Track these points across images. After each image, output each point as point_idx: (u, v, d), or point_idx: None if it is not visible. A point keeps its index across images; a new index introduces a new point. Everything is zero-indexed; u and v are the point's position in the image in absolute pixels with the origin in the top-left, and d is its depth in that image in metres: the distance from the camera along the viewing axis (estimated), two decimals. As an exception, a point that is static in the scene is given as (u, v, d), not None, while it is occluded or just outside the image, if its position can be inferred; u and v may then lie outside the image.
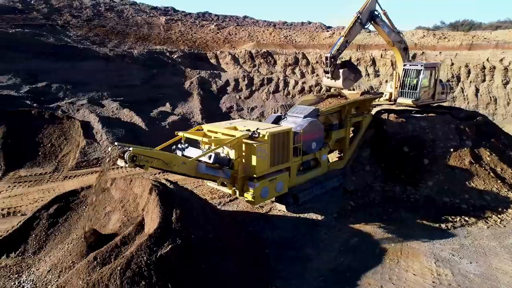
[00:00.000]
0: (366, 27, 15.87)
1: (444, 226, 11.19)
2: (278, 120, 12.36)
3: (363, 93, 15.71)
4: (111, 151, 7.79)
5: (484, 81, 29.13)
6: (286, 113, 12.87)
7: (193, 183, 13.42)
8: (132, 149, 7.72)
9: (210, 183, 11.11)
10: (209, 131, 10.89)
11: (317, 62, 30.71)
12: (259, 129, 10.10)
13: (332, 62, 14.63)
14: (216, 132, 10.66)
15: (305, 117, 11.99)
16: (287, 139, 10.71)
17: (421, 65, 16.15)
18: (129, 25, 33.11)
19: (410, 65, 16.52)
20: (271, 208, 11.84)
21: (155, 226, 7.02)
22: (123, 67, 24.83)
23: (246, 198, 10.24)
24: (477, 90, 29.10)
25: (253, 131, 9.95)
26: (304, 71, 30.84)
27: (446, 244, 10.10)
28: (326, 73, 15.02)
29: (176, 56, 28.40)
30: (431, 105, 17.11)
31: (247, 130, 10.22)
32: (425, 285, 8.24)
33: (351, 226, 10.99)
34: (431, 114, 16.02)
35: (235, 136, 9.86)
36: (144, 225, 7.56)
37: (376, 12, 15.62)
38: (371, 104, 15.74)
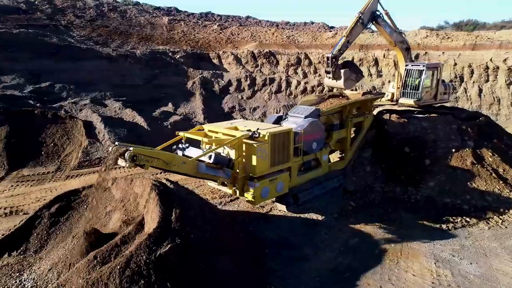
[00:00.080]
0: (367, 27, 15.86)
1: (444, 226, 11.17)
2: (279, 120, 12.38)
3: (365, 94, 15.71)
4: (111, 151, 7.86)
5: (487, 81, 29.01)
6: (287, 113, 12.90)
7: (194, 183, 13.47)
8: (132, 148, 7.77)
9: (210, 183, 11.15)
10: (210, 131, 10.93)
11: (319, 62, 30.69)
12: (259, 129, 10.13)
13: (333, 62, 14.63)
14: (216, 132, 10.69)
15: (306, 117, 12.00)
16: (288, 139, 10.73)
17: (423, 65, 16.11)
18: (132, 25, 33.23)
19: (412, 65, 16.49)
20: (271, 208, 11.87)
21: (155, 225, 7.07)
22: (125, 67, 24.93)
23: (246, 198, 10.28)
24: (480, 90, 28.97)
25: (254, 131, 9.98)
26: (306, 71, 30.83)
27: (446, 244, 10.08)
28: (327, 73, 15.03)
29: (178, 56, 28.47)
30: (433, 106, 17.08)
31: (248, 130, 10.25)
32: (425, 285, 8.24)
33: (351, 226, 10.99)
34: (433, 114, 15.98)
35: (235, 136, 9.89)
36: (144, 224, 7.62)
37: (377, 12, 15.60)
38: (373, 104, 15.72)
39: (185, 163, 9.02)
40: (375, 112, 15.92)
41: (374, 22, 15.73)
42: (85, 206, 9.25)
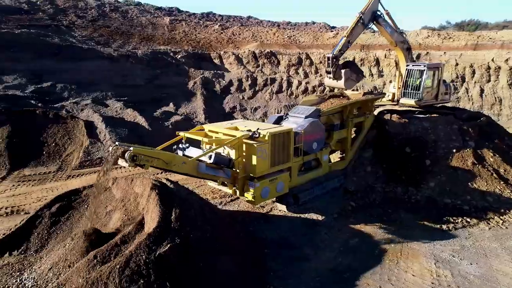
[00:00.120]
0: (368, 27, 15.84)
1: (445, 227, 11.16)
2: (279, 120, 12.40)
3: (366, 94, 15.70)
4: (112, 151, 7.88)
5: (489, 81, 28.92)
6: (287, 113, 12.91)
7: (195, 183, 13.50)
8: (132, 148, 7.80)
9: (211, 183, 11.17)
10: (210, 131, 10.95)
11: (320, 62, 30.66)
12: (259, 129, 10.14)
13: (334, 62, 14.61)
14: (217, 132, 10.71)
15: (307, 117, 12.00)
16: (288, 139, 10.74)
17: (424, 66, 16.09)
18: (133, 25, 33.29)
19: (413, 66, 16.46)
20: (271, 208, 11.88)
21: (154, 225, 7.09)
22: (127, 67, 24.98)
23: (246, 198, 10.30)
24: (482, 90, 28.89)
25: (254, 131, 10.00)
26: (307, 71, 30.82)
27: (446, 245, 10.07)
28: (328, 73, 15.02)
29: (180, 56, 28.52)
30: (434, 106, 17.05)
31: (248, 130, 10.26)
32: (424, 286, 8.24)
33: (351, 226, 10.99)
34: (434, 114, 15.97)
35: (235, 136, 9.91)
36: (144, 224, 7.64)
37: (378, 12, 15.59)
38: (373, 104, 15.71)
39: (185, 163, 9.05)
40: (376, 112, 15.91)
41: (374, 22, 15.72)
42: (86, 206, 9.28)
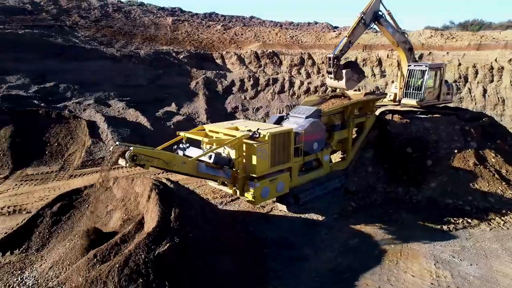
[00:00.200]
0: (370, 27, 15.82)
1: (445, 227, 11.12)
2: (280, 120, 12.42)
3: (367, 94, 15.69)
4: (112, 151, 7.93)
5: (492, 81, 28.75)
6: (288, 113, 12.93)
7: (196, 183, 13.54)
8: (132, 148, 7.85)
9: (211, 183, 11.21)
10: (211, 131, 10.99)
11: (323, 62, 30.62)
12: (259, 129, 10.17)
13: (335, 62, 14.61)
14: (217, 132, 10.75)
15: (307, 117, 12.02)
16: (288, 139, 10.75)
17: (426, 66, 16.04)
18: (136, 25, 33.41)
19: (414, 66, 16.41)
20: (272, 208, 11.90)
21: (154, 224, 7.13)
22: (129, 68, 25.09)
23: (246, 198, 10.33)
24: (485, 90, 28.73)
25: (254, 131, 10.02)
26: (309, 72, 30.80)
27: (446, 245, 10.04)
28: (329, 73, 15.01)
29: (182, 56, 28.59)
30: (436, 106, 17.00)
31: (248, 130, 10.29)
32: (424, 286, 8.22)
33: (351, 226, 10.99)
34: (436, 115, 15.92)
35: (236, 136, 9.94)
36: (144, 223, 7.69)
37: (380, 12, 15.56)
38: (375, 104, 15.69)
39: (185, 163, 9.08)
40: (377, 112, 15.88)
41: (376, 22, 15.69)
42: (87, 205, 9.34)
